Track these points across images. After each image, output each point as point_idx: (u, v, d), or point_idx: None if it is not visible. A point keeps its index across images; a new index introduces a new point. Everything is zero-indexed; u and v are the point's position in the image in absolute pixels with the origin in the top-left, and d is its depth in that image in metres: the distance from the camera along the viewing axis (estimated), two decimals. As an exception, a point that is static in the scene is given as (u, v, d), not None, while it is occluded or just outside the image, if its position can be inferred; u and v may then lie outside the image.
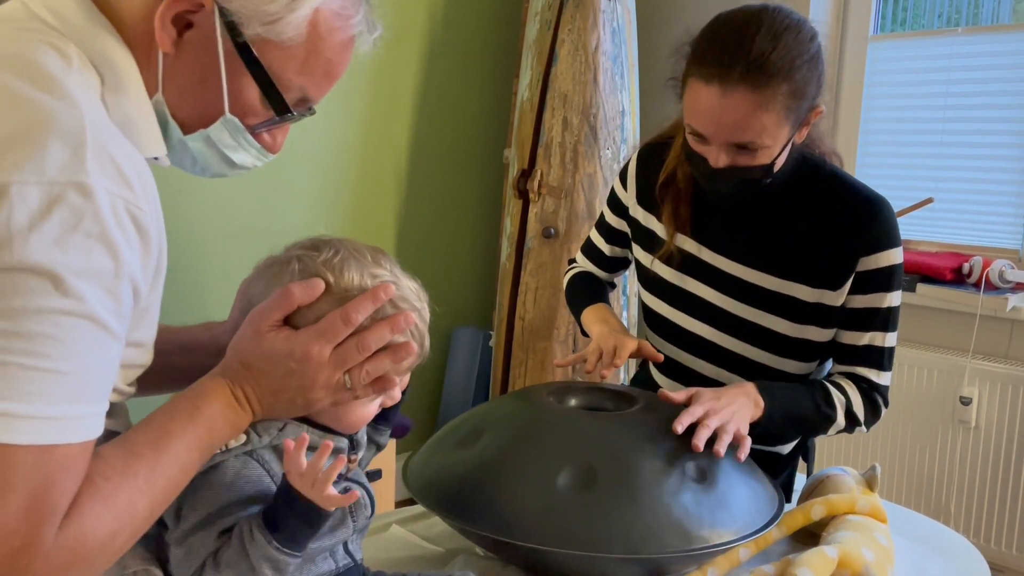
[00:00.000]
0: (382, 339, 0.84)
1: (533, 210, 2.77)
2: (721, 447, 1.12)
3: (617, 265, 1.65)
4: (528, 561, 1.09)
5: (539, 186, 2.74)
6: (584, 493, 1.05)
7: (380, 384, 0.88)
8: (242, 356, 0.84)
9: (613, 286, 1.70)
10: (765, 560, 1.17)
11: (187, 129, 0.84)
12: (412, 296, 0.89)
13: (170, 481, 0.77)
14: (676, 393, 1.22)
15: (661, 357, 1.39)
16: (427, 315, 0.91)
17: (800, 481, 1.54)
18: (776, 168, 1.29)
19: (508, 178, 2.92)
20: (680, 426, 1.12)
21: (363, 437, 0.99)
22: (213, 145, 0.85)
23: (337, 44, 0.84)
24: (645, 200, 1.50)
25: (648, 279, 1.51)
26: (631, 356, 1.36)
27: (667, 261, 1.46)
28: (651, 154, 1.51)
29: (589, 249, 1.66)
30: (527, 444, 1.12)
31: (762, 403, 1.27)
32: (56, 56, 0.73)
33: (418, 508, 1.32)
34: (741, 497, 1.11)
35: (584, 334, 1.55)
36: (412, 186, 3.04)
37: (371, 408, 0.92)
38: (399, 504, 2.70)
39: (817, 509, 1.23)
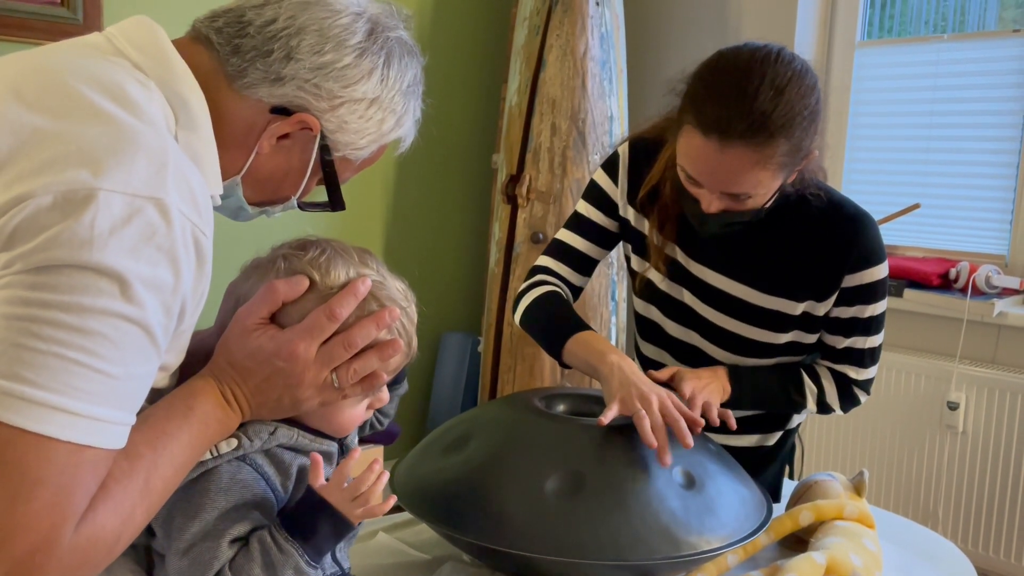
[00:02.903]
0: (368, 335, 0.85)
1: (522, 215, 2.77)
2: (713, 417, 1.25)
3: (591, 266, 1.52)
4: (516, 568, 1.08)
5: (528, 191, 2.74)
6: (572, 499, 1.04)
7: (368, 383, 0.88)
8: (229, 356, 0.85)
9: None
10: (753, 566, 1.17)
11: (251, 204, 0.92)
12: (399, 296, 0.90)
13: (166, 482, 0.78)
14: (660, 372, 1.32)
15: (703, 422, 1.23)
16: (414, 315, 0.92)
17: (786, 486, 1.54)
18: (765, 208, 1.29)
19: (496, 183, 2.92)
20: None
21: (353, 441, 0.98)
22: (266, 212, 0.95)
23: (384, 150, 0.97)
24: (635, 200, 1.46)
25: (640, 285, 1.49)
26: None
27: (656, 269, 1.45)
28: (642, 152, 1.45)
29: (561, 251, 1.50)
30: (515, 450, 1.12)
31: (729, 389, 1.35)
32: (140, 87, 0.79)
33: (405, 515, 1.31)
34: (729, 503, 1.11)
35: (564, 366, 1.37)
36: (400, 191, 3.04)
37: (359, 410, 0.92)
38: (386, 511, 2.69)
39: (805, 515, 1.23)
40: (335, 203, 0.95)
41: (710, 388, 1.32)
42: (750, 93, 1.15)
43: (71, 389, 0.67)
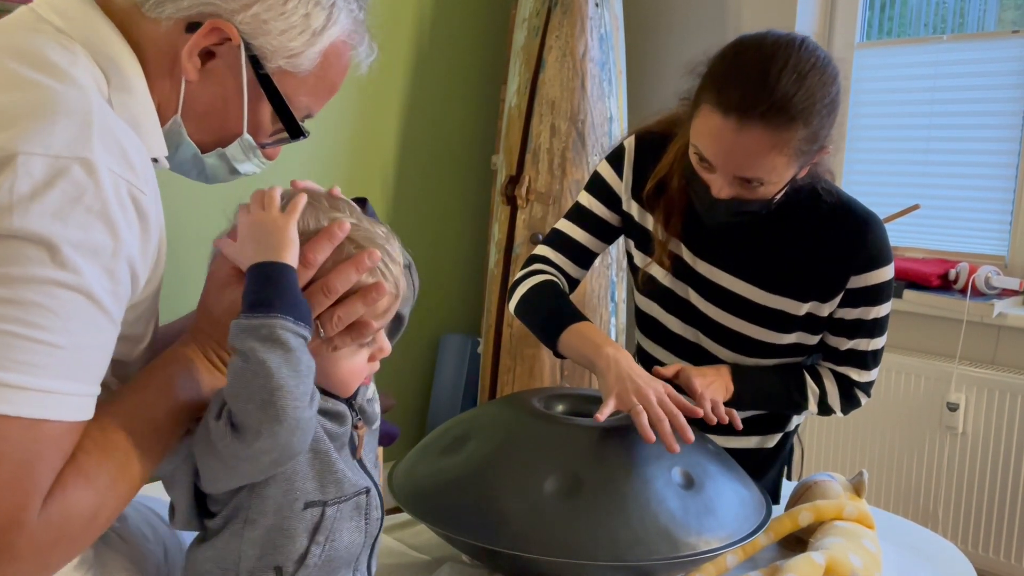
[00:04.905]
0: (348, 280, 0.80)
1: (521, 216, 2.77)
2: (722, 416, 1.24)
3: (590, 259, 1.51)
4: (515, 568, 1.08)
5: (527, 192, 2.74)
6: (570, 500, 1.04)
7: (357, 331, 0.83)
8: (208, 314, 0.82)
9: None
10: (753, 566, 1.16)
11: (203, 148, 0.87)
12: (380, 239, 0.85)
13: (150, 452, 0.76)
14: (665, 368, 1.31)
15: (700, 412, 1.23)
16: (397, 255, 0.87)
17: (785, 486, 1.54)
18: (774, 202, 1.28)
19: (496, 184, 2.92)
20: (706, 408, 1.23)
21: (371, 409, 0.93)
22: (225, 159, 0.89)
23: (342, 68, 0.90)
24: (640, 195, 1.44)
25: (642, 280, 1.48)
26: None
27: (659, 264, 1.44)
28: (649, 146, 1.44)
29: (560, 241, 1.49)
30: (513, 451, 1.12)
31: (732, 388, 1.35)
32: (63, 51, 0.76)
33: (404, 516, 1.31)
34: (728, 503, 1.11)
35: (559, 356, 1.37)
36: (400, 192, 3.04)
37: (358, 363, 0.87)
38: (386, 512, 2.68)
39: (805, 515, 1.23)
40: (291, 129, 0.88)
41: (715, 386, 1.32)
42: (773, 75, 1.14)
43: (14, 363, 0.64)
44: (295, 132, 0.89)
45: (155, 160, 0.84)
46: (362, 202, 0.91)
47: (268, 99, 0.85)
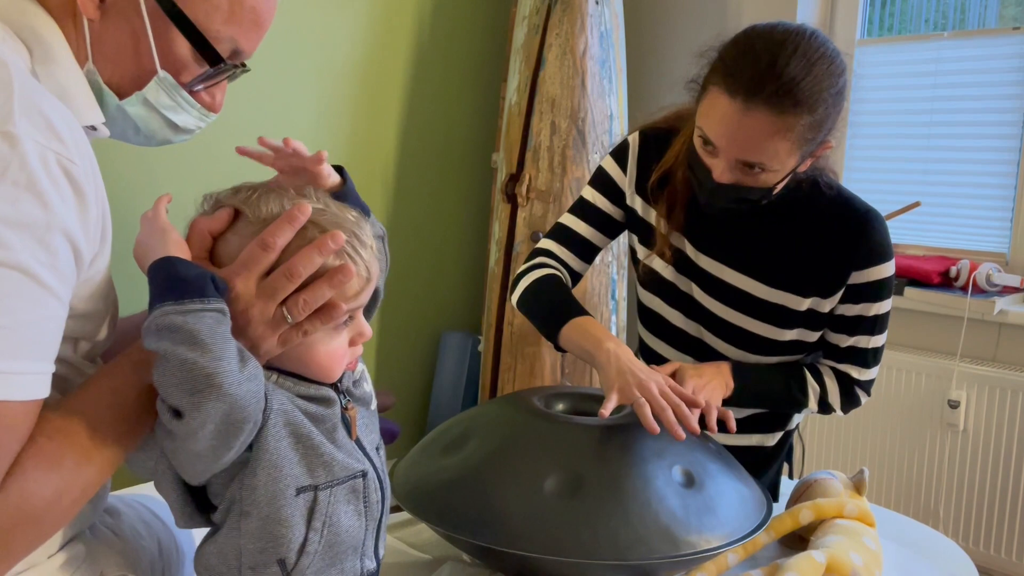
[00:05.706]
0: (311, 263, 0.78)
1: (521, 214, 2.76)
2: (712, 422, 1.19)
3: (593, 253, 1.52)
4: (515, 568, 1.08)
5: (527, 190, 2.74)
6: (571, 499, 1.04)
7: (326, 314, 0.80)
8: None
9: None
10: (753, 565, 1.16)
11: (123, 95, 0.83)
12: (349, 223, 0.83)
13: (117, 437, 0.75)
14: (662, 367, 1.30)
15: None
16: (368, 239, 0.85)
17: (785, 484, 1.54)
18: (775, 192, 1.28)
19: (496, 182, 2.92)
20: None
21: (360, 390, 0.92)
22: (152, 108, 0.85)
23: None
24: (644, 190, 1.46)
25: (644, 274, 1.49)
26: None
27: (660, 257, 1.45)
28: (653, 141, 1.45)
29: (564, 235, 1.51)
30: (514, 450, 1.12)
31: (732, 385, 1.35)
32: None
33: (405, 515, 1.31)
34: (729, 502, 1.11)
35: (560, 349, 1.37)
36: (400, 190, 3.04)
37: (337, 347, 0.84)
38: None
39: (805, 513, 1.23)
40: (209, 57, 0.83)
41: (712, 385, 1.31)
42: (781, 61, 1.16)
43: None
44: (214, 60, 0.83)
45: (93, 128, 0.83)
46: (339, 170, 0.90)
47: (177, 27, 0.81)
